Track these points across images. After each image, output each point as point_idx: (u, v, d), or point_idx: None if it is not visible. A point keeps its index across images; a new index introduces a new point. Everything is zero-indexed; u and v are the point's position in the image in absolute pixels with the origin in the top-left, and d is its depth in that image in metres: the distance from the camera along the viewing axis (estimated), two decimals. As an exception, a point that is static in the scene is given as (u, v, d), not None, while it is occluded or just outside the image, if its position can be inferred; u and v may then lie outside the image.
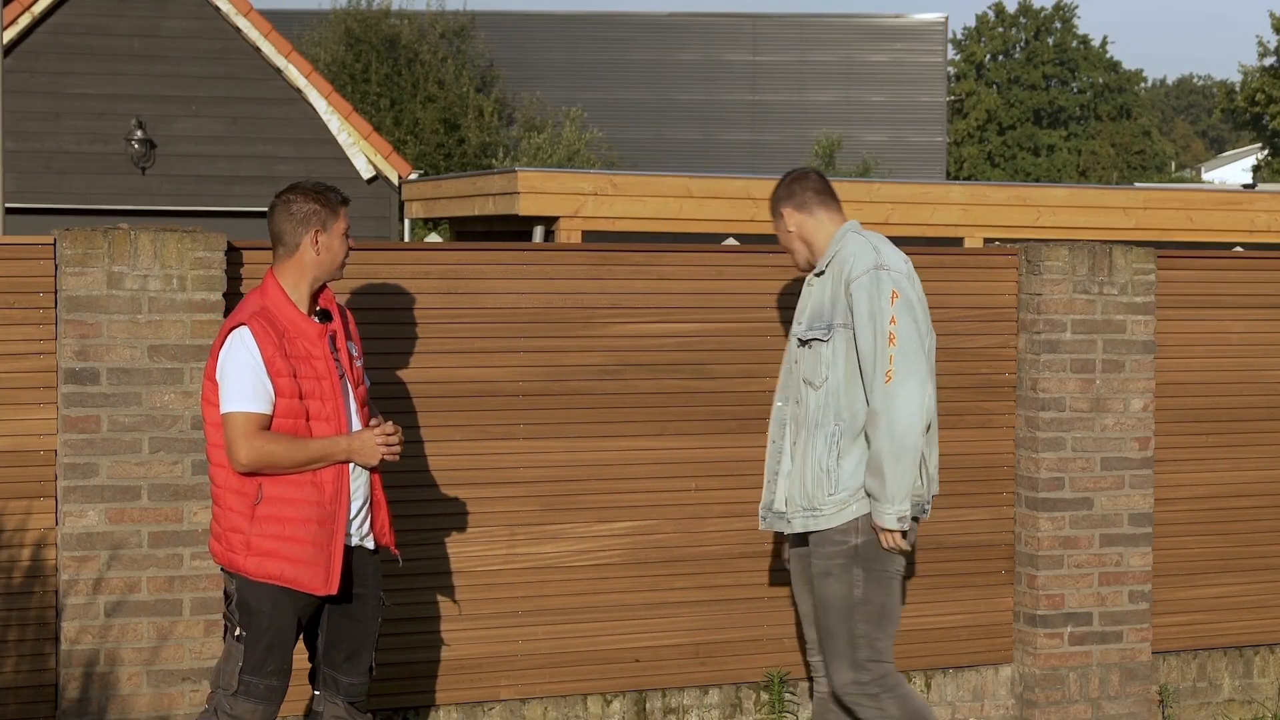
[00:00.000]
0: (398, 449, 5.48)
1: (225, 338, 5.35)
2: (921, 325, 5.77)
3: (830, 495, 5.75)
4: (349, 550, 5.47)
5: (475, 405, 6.74)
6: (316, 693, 5.62)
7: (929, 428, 5.79)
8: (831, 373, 5.79)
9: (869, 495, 5.72)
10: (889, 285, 5.73)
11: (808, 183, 6.03)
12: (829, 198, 6.00)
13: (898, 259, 5.84)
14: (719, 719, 7.10)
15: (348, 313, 5.68)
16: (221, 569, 5.50)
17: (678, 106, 41.48)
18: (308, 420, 5.37)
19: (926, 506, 5.87)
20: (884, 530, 5.73)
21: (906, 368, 5.66)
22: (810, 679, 7.21)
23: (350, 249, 5.55)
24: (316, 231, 5.42)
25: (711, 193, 16.60)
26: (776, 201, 6.05)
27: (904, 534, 5.76)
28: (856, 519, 5.78)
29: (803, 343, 5.91)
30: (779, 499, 6.02)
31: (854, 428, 5.77)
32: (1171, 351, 7.60)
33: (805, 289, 6.13)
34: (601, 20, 42.46)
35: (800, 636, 7.19)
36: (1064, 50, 69.09)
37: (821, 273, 5.93)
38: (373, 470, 5.52)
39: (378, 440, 5.43)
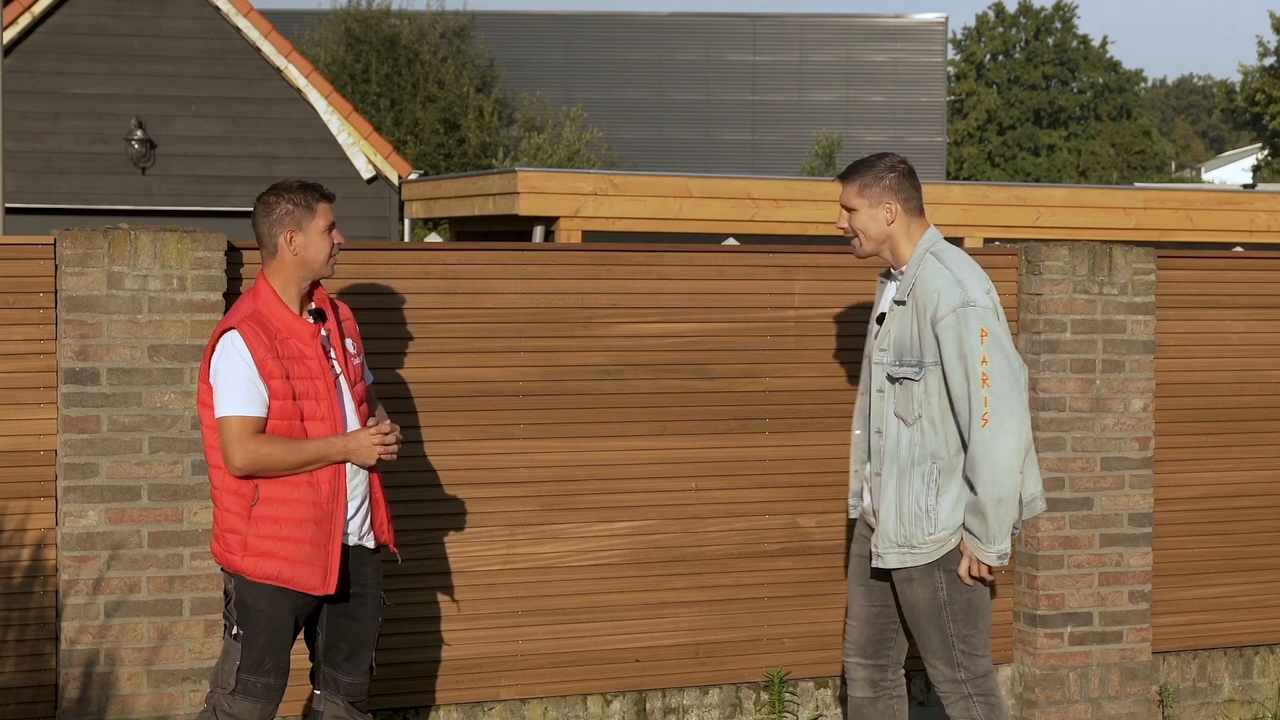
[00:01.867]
0: (395, 448, 5.47)
1: (217, 342, 5.35)
2: (1013, 360, 5.56)
3: (930, 535, 5.62)
4: (347, 550, 5.47)
5: (475, 405, 6.74)
6: (317, 692, 5.62)
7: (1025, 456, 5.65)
8: (925, 410, 5.61)
9: (970, 533, 5.60)
10: (976, 323, 5.50)
11: (916, 181, 5.72)
12: (921, 203, 5.75)
13: (981, 291, 5.58)
14: (719, 719, 7.10)
15: (343, 309, 5.66)
16: (221, 568, 5.50)
17: (677, 106, 41.50)
18: (303, 421, 5.37)
19: (1017, 528, 5.74)
20: (981, 564, 5.62)
21: (1004, 409, 5.49)
22: (842, 679, 7.21)
23: (338, 245, 5.50)
24: (291, 232, 5.40)
25: (711, 193, 16.61)
26: (885, 190, 5.67)
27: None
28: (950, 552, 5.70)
29: (893, 379, 5.68)
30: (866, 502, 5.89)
31: (949, 464, 5.62)
32: (1171, 351, 7.60)
33: (881, 286, 5.89)
34: (601, 20, 42.47)
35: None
36: (1064, 50, 69.11)
37: (902, 303, 5.67)
38: (371, 469, 5.51)
39: (374, 440, 5.42)
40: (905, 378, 5.61)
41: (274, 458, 5.29)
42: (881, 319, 5.77)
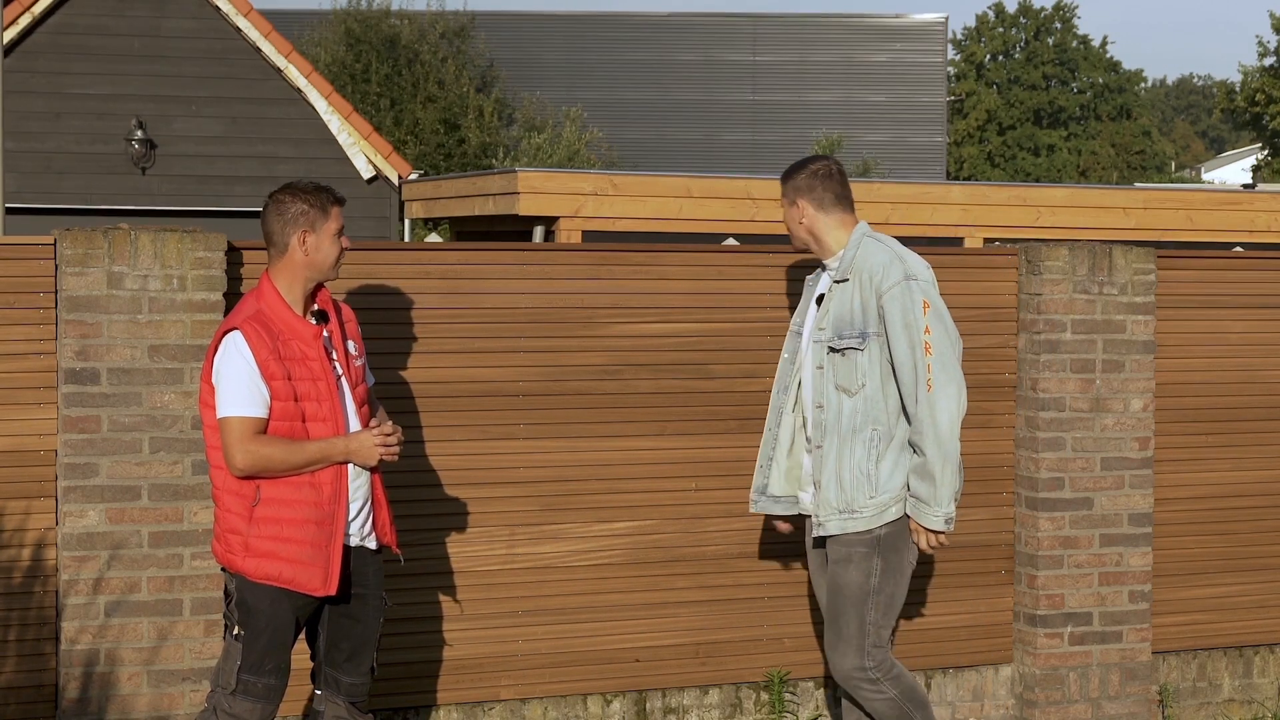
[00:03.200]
0: (397, 449, 5.47)
1: (219, 342, 5.35)
2: (951, 331, 5.91)
3: (871, 499, 5.91)
4: (349, 550, 5.47)
5: (475, 405, 6.74)
6: (318, 692, 5.62)
7: None
8: (869, 380, 5.92)
9: (917, 499, 5.89)
10: (920, 295, 5.86)
11: (831, 183, 6.07)
12: (846, 199, 6.08)
13: (921, 266, 5.95)
14: (719, 719, 7.10)
15: (346, 310, 5.66)
16: (222, 568, 5.50)
17: (678, 106, 41.48)
18: (304, 422, 5.36)
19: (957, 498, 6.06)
20: (929, 531, 5.91)
21: (945, 375, 5.83)
22: (829, 677, 7.20)
23: (345, 249, 5.53)
24: (305, 232, 5.41)
25: (711, 193, 16.60)
26: (795, 190, 6.07)
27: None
28: (893, 521, 5.95)
29: (834, 350, 5.98)
30: (774, 484, 6.21)
31: (890, 432, 5.93)
32: (1171, 351, 7.60)
33: (809, 287, 6.23)
34: (601, 20, 42.47)
35: (819, 634, 7.19)
36: (1064, 50, 69.11)
37: (843, 280, 6.00)
38: (373, 470, 5.51)
39: (376, 441, 5.42)
40: (849, 348, 5.93)
41: (275, 458, 5.29)
42: (820, 300, 6.08)
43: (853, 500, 5.92)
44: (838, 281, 6.01)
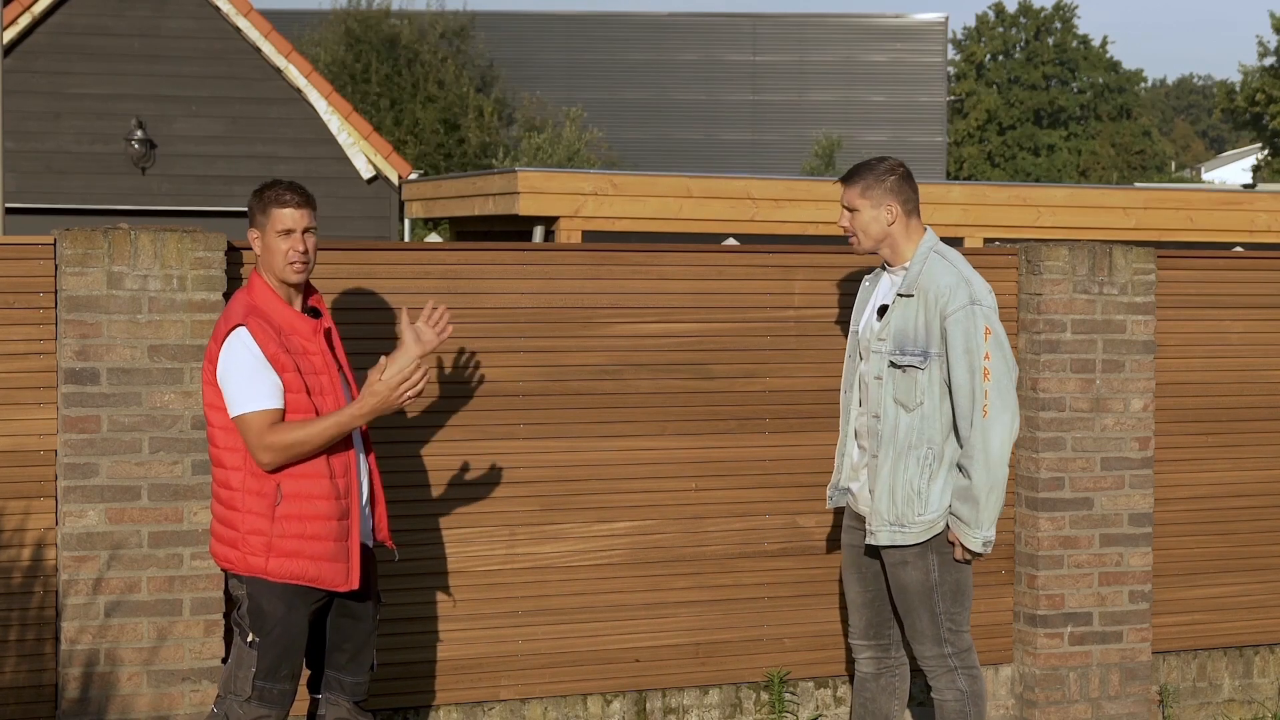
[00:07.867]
0: (421, 384, 5.33)
1: (222, 342, 5.33)
2: (1009, 358, 5.97)
3: (920, 516, 5.99)
4: (366, 546, 5.50)
5: (475, 405, 6.74)
6: (318, 696, 5.62)
7: None
8: (927, 398, 5.98)
9: (958, 519, 5.96)
10: (983, 321, 5.91)
11: (912, 188, 6.08)
12: (918, 205, 6.11)
13: (985, 290, 5.99)
14: (719, 719, 7.10)
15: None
16: (228, 574, 5.46)
17: (678, 106, 41.53)
18: (316, 415, 5.36)
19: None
20: (967, 551, 5.99)
21: (1000, 402, 5.89)
22: (845, 671, 7.21)
23: (307, 249, 5.39)
24: (255, 231, 5.48)
25: (711, 193, 16.61)
26: (889, 192, 6.02)
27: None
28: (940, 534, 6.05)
29: (895, 365, 6.01)
30: (846, 478, 6.28)
31: (942, 451, 6.00)
32: (1171, 351, 7.60)
33: (866, 289, 6.25)
34: (601, 20, 42.52)
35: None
36: (1064, 50, 69.11)
37: (908, 295, 6.01)
38: (372, 456, 5.51)
39: (396, 391, 5.28)
40: (911, 365, 5.98)
41: (303, 440, 5.25)
42: (882, 311, 6.11)
43: (903, 515, 6.00)
44: (902, 295, 6.03)
